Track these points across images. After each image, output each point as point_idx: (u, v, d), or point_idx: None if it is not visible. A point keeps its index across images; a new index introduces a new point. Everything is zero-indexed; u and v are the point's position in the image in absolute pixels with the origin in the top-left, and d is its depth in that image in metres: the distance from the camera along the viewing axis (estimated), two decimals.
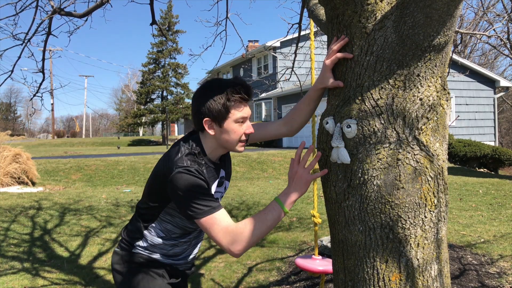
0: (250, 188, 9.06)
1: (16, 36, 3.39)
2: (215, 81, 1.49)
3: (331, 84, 1.38)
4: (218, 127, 1.47)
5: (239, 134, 1.48)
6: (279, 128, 1.69)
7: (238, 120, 1.47)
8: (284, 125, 1.67)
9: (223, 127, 1.46)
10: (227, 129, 1.46)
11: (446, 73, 1.32)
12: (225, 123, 1.46)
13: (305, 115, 1.62)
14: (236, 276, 3.74)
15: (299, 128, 1.67)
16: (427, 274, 1.26)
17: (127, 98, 57.26)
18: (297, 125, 1.65)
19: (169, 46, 31.19)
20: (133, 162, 12.31)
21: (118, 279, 1.61)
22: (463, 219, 5.41)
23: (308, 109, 1.60)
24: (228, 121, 1.46)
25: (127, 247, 1.61)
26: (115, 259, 1.63)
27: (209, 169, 1.51)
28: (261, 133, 1.72)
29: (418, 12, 1.15)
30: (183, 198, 1.39)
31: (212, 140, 1.51)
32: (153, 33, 30.44)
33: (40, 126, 74.95)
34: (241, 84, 1.47)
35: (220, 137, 1.48)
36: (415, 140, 1.24)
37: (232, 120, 1.46)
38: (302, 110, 1.61)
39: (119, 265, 1.61)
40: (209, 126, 1.48)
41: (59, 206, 6.83)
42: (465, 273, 3.43)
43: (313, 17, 2.46)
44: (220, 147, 1.53)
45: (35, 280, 3.69)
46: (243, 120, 1.48)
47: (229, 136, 1.47)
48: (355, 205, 1.28)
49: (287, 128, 1.67)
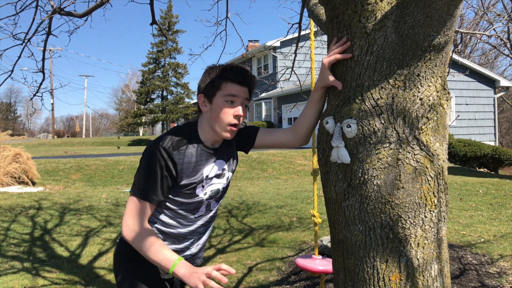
0: (250, 188, 9.06)
1: (16, 36, 3.39)
2: (220, 64, 1.55)
3: (332, 82, 1.37)
4: (209, 103, 1.50)
5: (227, 114, 1.48)
6: (285, 136, 1.66)
7: (226, 96, 1.47)
8: (291, 134, 1.64)
9: (213, 103, 1.49)
10: (216, 105, 1.48)
11: (446, 73, 1.32)
12: (214, 99, 1.49)
13: (309, 119, 1.58)
14: (236, 276, 3.74)
15: (305, 135, 1.62)
16: (427, 274, 1.26)
17: (127, 98, 57.28)
18: (302, 131, 1.61)
19: (169, 46, 31.20)
20: (133, 162, 12.31)
21: (117, 271, 1.61)
22: (463, 219, 5.41)
23: (312, 113, 1.56)
24: (217, 97, 1.48)
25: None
26: (115, 249, 1.65)
27: (200, 152, 1.51)
28: (267, 138, 1.69)
29: (418, 12, 1.15)
30: (138, 166, 1.49)
31: (206, 121, 1.53)
32: (153, 33, 30.47)
33: (40, 126, 75.00)
34: (239, 66, 1.52)
35: (210, 115, 1.50)
36: (415, 140, 1.24)
37: (220, 96, 1.48)
38: (306, 114, 1.58)
39: (119, 256, 1.62)
40: (202, 102, 1.52)
41: (59, 206, 6.83)
42: (465, 273, 3.43)
43: (313, 17, 2.46)
44: (212, 131, 1.53)
45: (35, 280, 3.69)
46: (233, 99, 1.48)
47: (217, 115, 1.48)
48: (355, 205, 1.28)
49: (293, 137, 1.63)
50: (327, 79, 1.39)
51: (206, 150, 1.53)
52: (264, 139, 1.69)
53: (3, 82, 3.64)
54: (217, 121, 1.49)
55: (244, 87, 1.51)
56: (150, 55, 31.27)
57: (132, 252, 1.57)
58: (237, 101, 1.49)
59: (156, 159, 1.43)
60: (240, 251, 4.45)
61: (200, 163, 1.51)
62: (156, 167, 1.42)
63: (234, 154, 1.68)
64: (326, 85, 1.43)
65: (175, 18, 31.26)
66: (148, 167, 1.44)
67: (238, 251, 4.45)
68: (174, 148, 1.45)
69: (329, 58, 1.35)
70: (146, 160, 1.45)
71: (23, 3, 3.26)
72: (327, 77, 1.39)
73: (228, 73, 1.48)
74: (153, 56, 31.22)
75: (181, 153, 1.46)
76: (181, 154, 1.46)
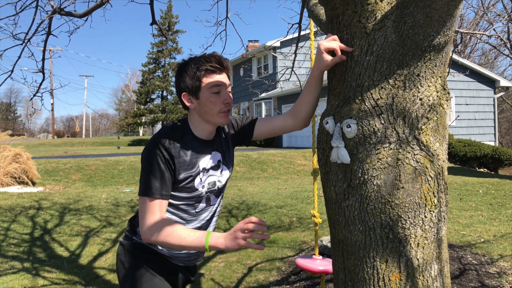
0: (250, 188, 9.06)
1: (16, 36, 3.40)
2: (190, 58, 1.53)
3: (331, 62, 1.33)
4: (196, 99, 1.51)
5: (216, 104, 1.49)
6: (285, 121, 1.64)
7: (212, 88, 1.48)
8: (290, 117, 1.63)
9: (200, 98, 1.50)
10: (204, 99, 1.49)
11: (446, 73, 1.32)
12: (200, 94, 1.49)
13: (308, 103, 1.56)
14: (236, 276, 3.74)
15: (305, 119, 1.61)
16: (427, 274, 1.26)
17: (127, 98, 57.26)
18: (302, 115, 1.60)
19: (169, 46, 31.21)
20: (133, 162, 12.31)
21: (120, 271, 1.62)
22: (463, 219, 5.41)
23: (311, 97, 1.55)
24: (202, 91, 1.48)
25: (129, 235, 1.63)
26: (119, 249, 1.65)
27: (195, 145, 1.52)
28: (268, 126, 1.68)
29: (418, 12, 1.15)
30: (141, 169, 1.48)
31: (196, 115, 1.54)
32: (153, 33, 30.49)
33: (40, 126, 74.99)
34: (212, 55, 1.51)
35: (200, 110, 1.51)
36: (415, 140, 1.24)
37: (206, 89, 1.48)
38: (305, 99, 1.57)
39: (122, 256, 1.63)
40: (188, 100, 1.52)
41: (59, 206, 6.83)
42: (465, 273, 3.43)
43: (313, 17, 2.46)
44: (205, 122, 1.54)
45: (35, 280, 3.69)
46: (219, 89, 1.49)
47: (207, 107, 1.49)
48: (355, 205, 1.28)
49: (294, 120, 1.62)
50: (323, 62, 1.35)
51: (200, 143, 1.55)
52: (264, 127, 1.68)
53: (3, 82, 3.65)
54: (209, 113, 1.51)
55: (223, 73, 1.52)
56: (150, 55, 31.28)
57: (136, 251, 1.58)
58: (222, 89, 1.51)
59: (156, 156, 1.44)
60: (240, 251, 4.45)
61: (196, 155, 1.52)
62: (158, 163, 1.44)
63: (229, 148, 1.68)
64: (322, 69, 1.41)
65: (175, 18, 31.27)
66: (151, 165, 1.44)
67: (238, 251, 4.45)
68: (170, 143, 1.46)
69: (328, 44, 1.32)
70: (147, 159, 1.46)
71: (23, 3, 3.27)
72: (323, 61, 1.35)
73: (206, 65, 1.48)
74: (153, 56, 31.23)
75: (177, 147, 1.48)
76: (177, 148, 1.47)
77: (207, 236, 1.36)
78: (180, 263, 1.66)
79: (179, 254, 1.63)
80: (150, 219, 1.42)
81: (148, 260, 1.58)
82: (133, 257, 1.58)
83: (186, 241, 1.37)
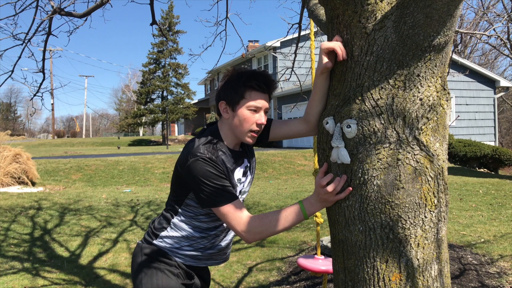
0: (250, 188, 9.06)
1: (16, 36, 3.40)
2: (240, 69, 1.54)
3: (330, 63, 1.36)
4: (232, 111, 1.51)
5: (250, 122, 1.49)
6: (299, 126, 1.63)
7: (250, 107, 1.48)
8: (304, 123, 1.61)
9: (236, 111, 1.50)
10: (239, 114, 1.49)
11: (446, 73, 1.32)
12: (238, 108, 1.49)
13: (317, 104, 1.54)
14: (236, 276, 3.74)
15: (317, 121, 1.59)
16: (427, 274, 1.26)
17: (127, 98, 57.23)
18: (313, 118, 1.57)
19: (170, 46, 31.20)
20: (133, 162, 12.31)
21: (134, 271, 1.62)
22: (463, 219, 5.41)
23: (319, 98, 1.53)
24: (240, 106, 1.49)
25: (150, 239, 1.63)
26: (136, 250, 1.66)
27: (228, 157, 1.53)
28: (284, 129, 1.67)
29: (418, 12, 1.15)
30: (199, 186, 1.44)
31: (227, 126, 1.54)
32: (153, 33, 30.49)
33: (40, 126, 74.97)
34: (261, 74, 1.51)
35: (232, 122, 1.52)
36: (415, 140, 1.24)
37: (244, 106, 1.48)
38: (313, 101, 1.55)
39: (138, 257, 1.63)
40: (224, 109, 1.53)
41: (59, 206, 6.83)
42: (465, 273, 3.43)
43: (313, 17, 2.47)
44: (234, 135, 1.55)
45: (35, 280, 3.69)
46: (257, 109, 1.49)
47: (240, 122, 1.50)
48: (355, 205, 1.28)
49: (306, 126, 1.61)
50: (321, 63, 1.38)
51: (233, 154, 1.56)
52: (279, 131, 1.68)
53: (4, 82, 3.65)
54: (239, 128, 1.51)
55: (266, 94, 1.52)
56: (151, 56, 31.26)
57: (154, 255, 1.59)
58: (260, 110, 1.51)
59: (208, 165, 1.43)
60: (240, 251, 4.45)
61: (232, 166, 1.54)
62: (213, 171, 1.43)
63: (252, 151, 1.71)
64: (322, 70, 1.40)
65: (176, 18, 31.26)
66: (209, 175, 1.43)
67: (238, 251, 4.45)
68: (212, 155, 1.46)
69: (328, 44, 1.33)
70: (202, 172, 1.43)
71: (23, 3, 3.27)
72: (321, 62, 1.38)
73: (252, 82, 1.48)
74: (153, 56, 31.21)
75: (219, 160, 1.48)
76: (219, 160, 1.48)
77: (302, 208, 1.40)
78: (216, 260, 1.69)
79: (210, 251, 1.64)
80: (241, 221, 1.42)
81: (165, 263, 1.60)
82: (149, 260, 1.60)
83: (287, 221, 1.40)
